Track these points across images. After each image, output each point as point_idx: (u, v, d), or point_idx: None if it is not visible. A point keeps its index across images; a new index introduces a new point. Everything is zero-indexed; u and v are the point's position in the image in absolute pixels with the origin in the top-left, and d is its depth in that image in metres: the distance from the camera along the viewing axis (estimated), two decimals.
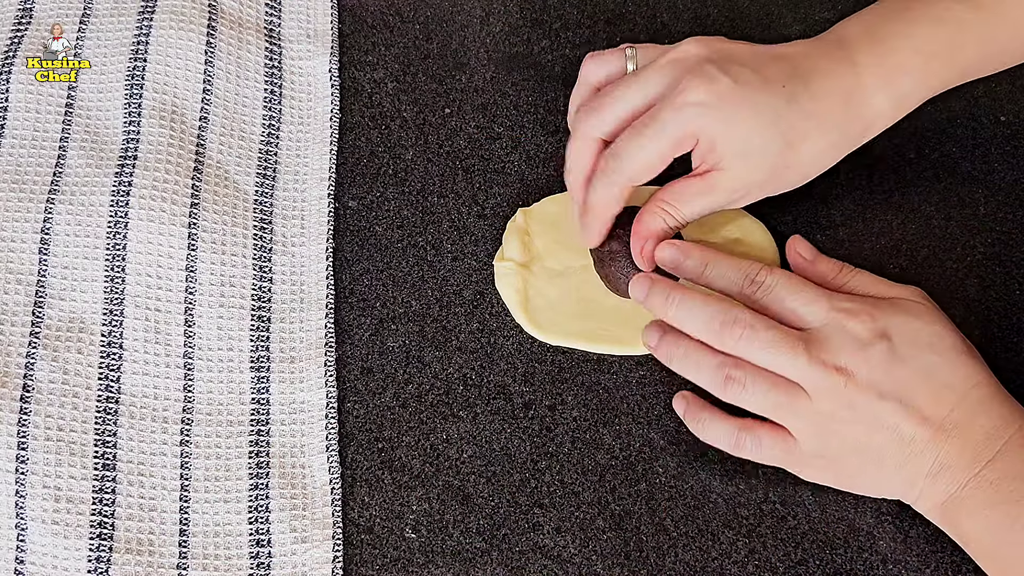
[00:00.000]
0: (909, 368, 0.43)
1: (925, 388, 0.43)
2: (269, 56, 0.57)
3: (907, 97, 0.48)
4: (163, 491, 0.47)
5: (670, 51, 0.47)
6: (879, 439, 0.43)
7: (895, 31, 0.47)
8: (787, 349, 0.44)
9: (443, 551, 0.46)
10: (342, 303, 0.52)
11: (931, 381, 0.43)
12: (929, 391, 0.43)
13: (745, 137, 0.45)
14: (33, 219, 0.52)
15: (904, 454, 0.43)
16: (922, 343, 0.44)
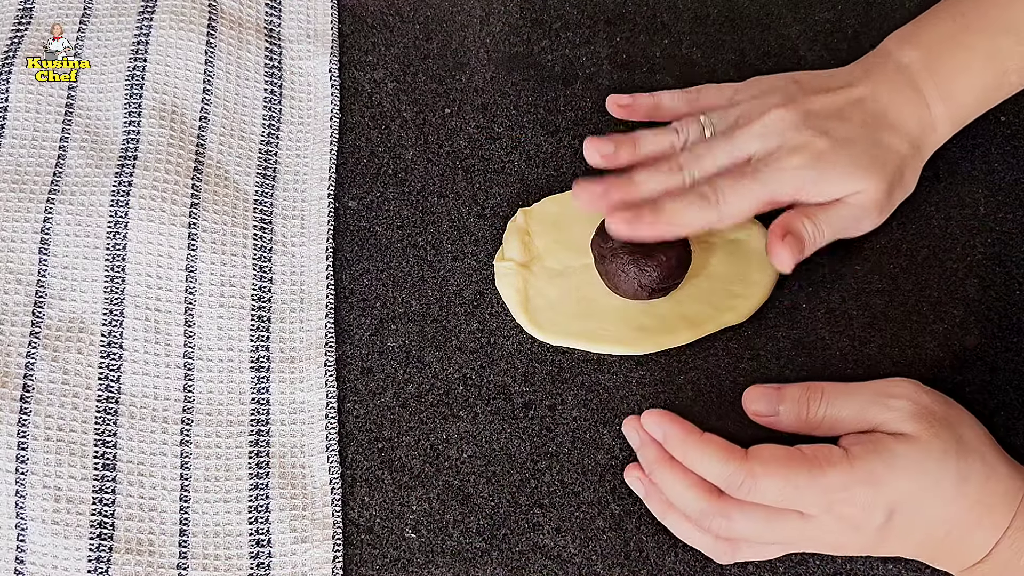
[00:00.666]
0: (921, 532, 0.42)
1: (938, 543, 0.43)
2: (269, 56, 0.57)
3: (961, 123, 0.51)
4: (163, 491, 0.47)
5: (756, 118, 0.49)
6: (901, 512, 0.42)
7: (954, 65, 0.50)
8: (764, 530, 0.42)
9: (443, 551, 0.46)
10: (342, 303, 0.52)
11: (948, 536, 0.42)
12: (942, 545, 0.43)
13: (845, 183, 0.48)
14: (33, 219, 0.52)
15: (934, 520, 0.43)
16: (915, 503, 0.42)
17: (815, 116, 0.48)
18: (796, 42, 0.58)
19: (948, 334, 0.50)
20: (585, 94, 0.56)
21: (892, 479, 0.41)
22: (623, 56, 0.57)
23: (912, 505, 0.42)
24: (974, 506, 0.42)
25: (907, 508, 0.41)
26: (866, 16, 0.59)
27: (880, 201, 0.49)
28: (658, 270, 0.48)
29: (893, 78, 0.50)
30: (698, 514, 0.43)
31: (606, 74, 0.57)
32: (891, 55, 0.51)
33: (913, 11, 0.59)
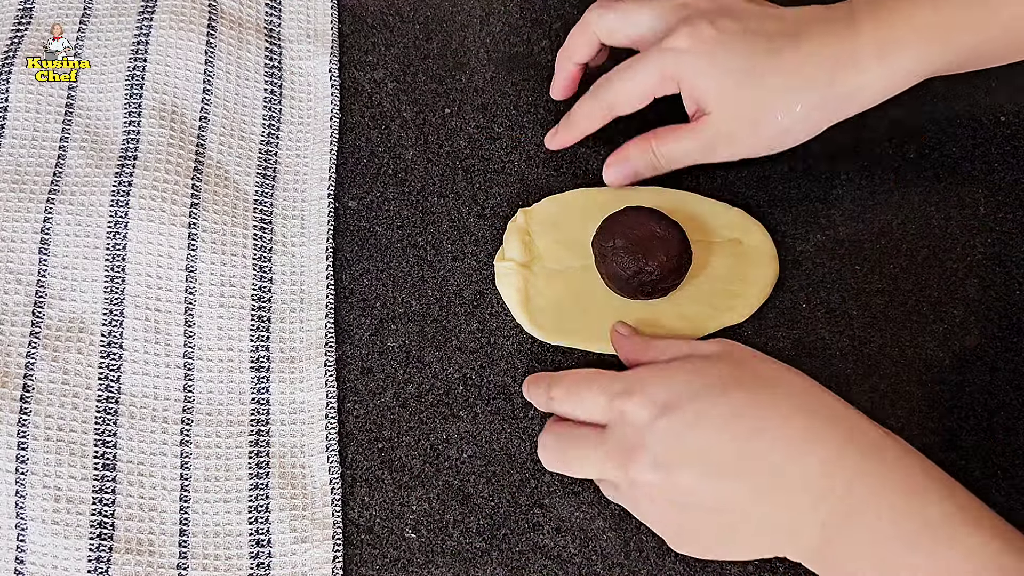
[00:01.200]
0: (699, 432, 0.40)
1: (724, 447, 0.40)
2: (269, 56, 0.57)
3: (899, 73, 0.47)
4: (163, 491, 0.47)
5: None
6: (705, 517, 0.41)
7: (898, 8, 0.47)
8: (573, 449, 0.44)
9: (443, 551, 0.46)
10: (342, 303, 0.52)
11: (729, 437, 0.40)
12: (729, 449, 0.40)
13: (720, 81, 0.47)
14: (33, 219, 0.52)
15: (740, 520, 0.40)
16: (709, 397, 0.41)
17: (724, 11, 0.48)
18: None
19: (948, 334, 0.50)
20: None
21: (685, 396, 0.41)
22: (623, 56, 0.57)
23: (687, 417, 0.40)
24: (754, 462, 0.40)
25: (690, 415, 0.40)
26: None
27: (734, 132, 0.48)
28: (658, 270, 0.48)
29: (831, 16, 0.48)
30: None
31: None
32: (846, 4, 0.49)
33: None
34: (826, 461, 0.39)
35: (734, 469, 0.40)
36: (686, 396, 0.41)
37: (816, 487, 0.39)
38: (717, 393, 0.41)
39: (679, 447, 0.40)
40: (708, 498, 0.40)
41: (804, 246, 0.53)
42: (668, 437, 0.41)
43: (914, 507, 0.38)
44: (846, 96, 0.48)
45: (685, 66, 0.48)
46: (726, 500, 0.40)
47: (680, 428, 0.40)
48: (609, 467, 0.42)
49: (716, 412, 0.41)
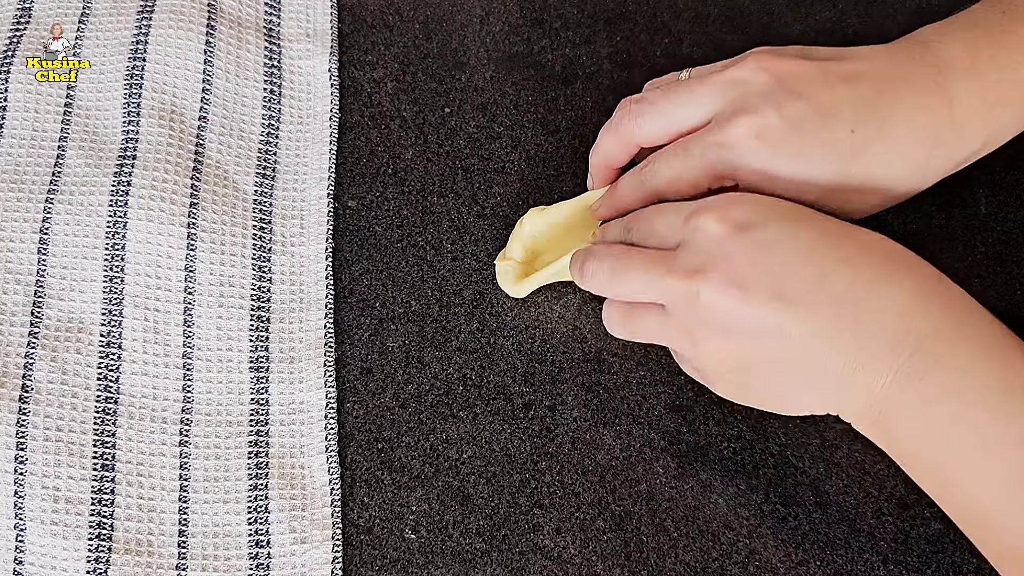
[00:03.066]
0: (779, 253, 0.37)
1: (804, 272, 0.37)
2: (268, 56, 0.57)
3: (1001, 135, 0.41)
4: (162, 491, 0.47)
5: (731, 67, 0.42)
6: (766, 354, 0.38)
7: (998, 58, 0.40)
8: (626, 272, 0.41)
9: (443, 551, 0.46)
10: (342, 303, 0.52)
11: (810, 262, 0.37)
12: (810, 275, 0.37)
13: (792, 191, 0.41)
14: (32, 219, 0.51)
15: (799, 360, 0.38)
16: (791, 222, 0.38)
17: (791, 87, 0.40)
18: (796, 42, 0.57)
19: None
20: (585, 94, 0.56)
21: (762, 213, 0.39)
22: (623, 56, 0.57)
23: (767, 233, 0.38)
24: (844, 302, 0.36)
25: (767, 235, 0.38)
26: (866, 16, 0.59)
27: None
28: None
29: (918, 72, 0.40)
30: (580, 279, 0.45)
31: (606, 74, 0.57)
32: (927, 45, 0.41)
33: (914, 10, 0.59)
34: (908, 307, 0.36)
35: (811, 298, 0.37)
36: (766, 217, 0.38)
37: (896, 330, 0.36)
38: (790, 222, 0.38)
39: (756, 266, 0.37)
40: (779, 326, 0.37)
41: None
42: (746, 254, 0.37)
43: (1000, 367, 0.36)
44: (940, 172, 0.42)
45: (748, 162, 0.41)
46: (797, 332, 0.37)
47: (759, 247, 0.37)
48: (677, 288, 0.39)
49: (798, 236, 0.37)
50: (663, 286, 0.40)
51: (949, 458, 0.37)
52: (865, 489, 0.47)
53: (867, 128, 0.40)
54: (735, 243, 0.38)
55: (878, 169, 0.41)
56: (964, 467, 0.37)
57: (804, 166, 0.40)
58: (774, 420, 0.48)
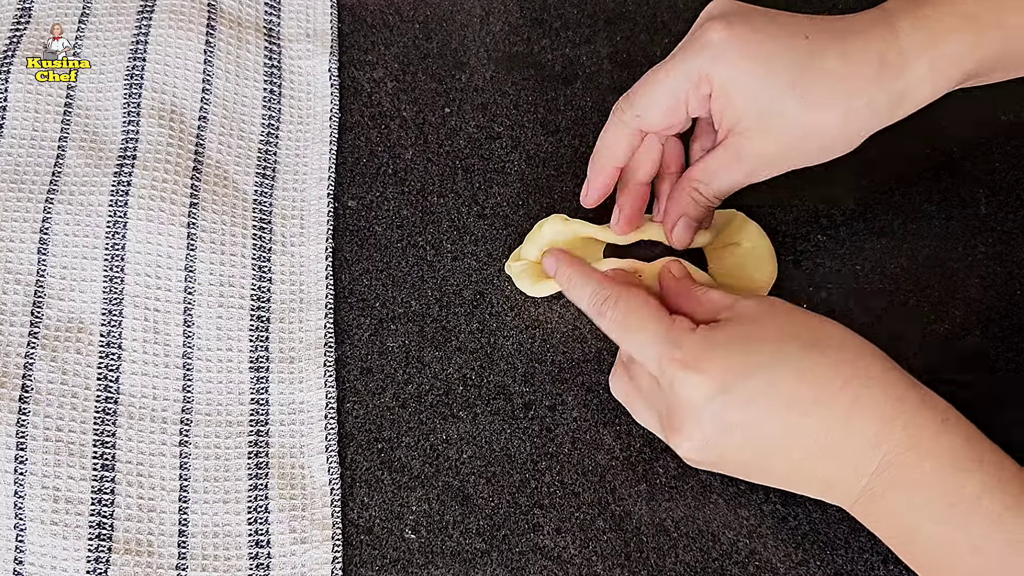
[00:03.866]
0: (753, 409, 0.40)
1: (773, 426, 0.40)
2: (268, 56, 0.57)
3: (950, 65, 0.44)
4: (162, 491, 0.47)
5: (692, 34, 0.46)
6: (751, 472, 0.42)
7: (938, 2, 0.44)
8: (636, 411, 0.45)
9: (443, 551, 0.46)
10: (342, 303, 0.52)
11: (779, 416, 0.40)
12: (777, 425, 0.40)
13: (758, 89, 0.43)
14: (32, 219, 0.51)
15: (781, 481, 0.42)
16: (760, 375, 0.40)
17: (753, 9, 0.45)
18: None
19: (948, 334, 0.50)
20: (585, 94, 0.56)
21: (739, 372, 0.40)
22: (623, 56, 0.57)
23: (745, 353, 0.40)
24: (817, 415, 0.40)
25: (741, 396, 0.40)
26: None
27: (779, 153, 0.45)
28: None
29: (867, 16, 0.45)
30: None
31: (606, 74, 0.57)
32: (880, 6, 0.45)
33: None
34: (871, 439, 0.39)
35: (782, 443, 0.40)
36: (738, 375, 0.40)
37: (859, 460, 0.39)
38: (766, 370, 0.40)
39: (729, 426, 0.40)
40: (754, 464, 0.41)
41: (804, 246, 0.52)
42: (718, 418, 0.40)
43: (950, 482, 0.39)
44: (894, 97, 0.44)
45: (721, 64, 0.43)
46: (772, 466, 0.41)
47: (731, 409, 0.40)
48: (662, 431, 0.43)
49: (768, 393, 0.40)
50: (657, 428, 0.44)
51: (920, 563, 0.41)
52: None
53: (821, 37, 0.43)
54: (709, 409, 0.40)
55: (832, 79, 0.43)
56: (933, 572, 0.41)
57: (766, 66, 0.43)
58: None
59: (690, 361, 0.40)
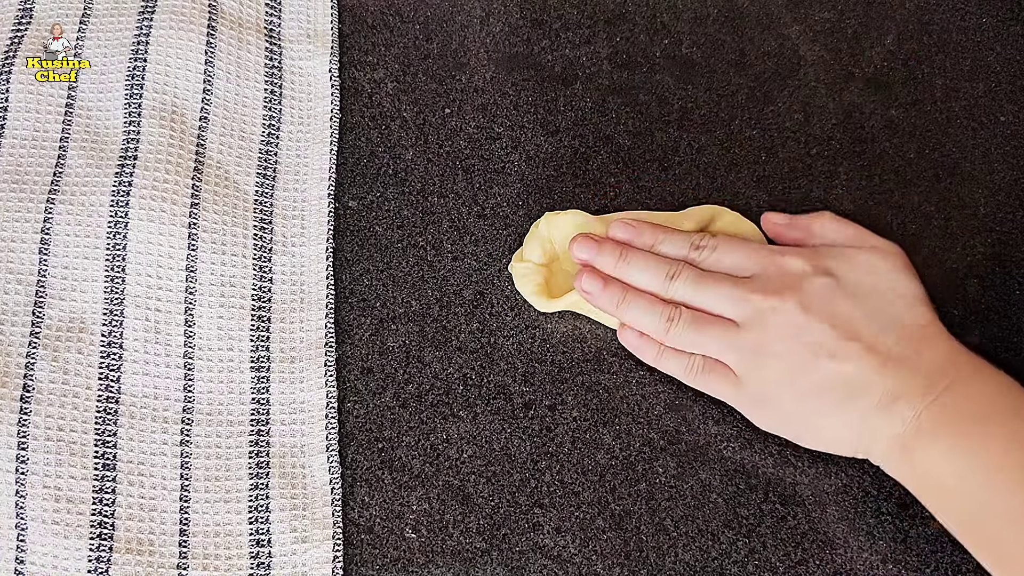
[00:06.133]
0: (851, 302, 0.44)
1: (867, 321, 0.43)
2: (269, 56, 0.57)
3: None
4: (163, 491, 0.47)
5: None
6: (818, 369, 0.43)
7: None
8: (714, 282, 0.46)
9: (443, 551, 0.46)
10: (342, 303, 0.52)
11: (874, 317, 0.44)
12: (872, 324, 0.43)
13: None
14: (33, 219, 0.52)
15: (848, 385, 0.43)
16: (870, 285, 0.44)
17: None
18: (796, 42, 0.58)
19: None
20: (585, 94, 0.56)
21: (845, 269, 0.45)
22: (623, 56, 0.57)
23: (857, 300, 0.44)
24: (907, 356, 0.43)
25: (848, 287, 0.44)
26: (866, 16, 0.59)
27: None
28: None
29: None
30: (660, 285, 0.47)
31: (606, 74, 0.57)
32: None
33: (913, 11, 0.59)
34: (941, 357, 0.43)
35: (871, 340, 0.43)
36: (847, 271, 0.45)
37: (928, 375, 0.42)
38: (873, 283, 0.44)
39: (828, 305, 0.44)
40: (837, 353, 0.43)
41: None
42: (822, 292, 0.44)
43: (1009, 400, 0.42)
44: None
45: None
46: (853, 360, 0.43)
47: (834, 290, 0.44)
48: (757, 303, 0.45)
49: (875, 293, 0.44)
50: (744, 301, 0.45)
51: (972, 482, 0.41)
52: (864, 488, 0.47)
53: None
54: (815, 280, 0.45)
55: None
56: (988, 495, 0.40)
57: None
58: None
59: (799, 251, 0.46)
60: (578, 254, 0.49)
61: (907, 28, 0.58)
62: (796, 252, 0.46)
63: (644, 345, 0.48)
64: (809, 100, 0.56)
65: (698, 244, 0.48)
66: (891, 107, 0.56)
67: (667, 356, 0.48)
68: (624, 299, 0.48)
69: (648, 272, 0.48)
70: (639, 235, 0.49)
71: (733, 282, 0.46)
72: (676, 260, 0.48)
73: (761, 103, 0.56)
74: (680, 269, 0.47)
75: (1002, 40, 0.58)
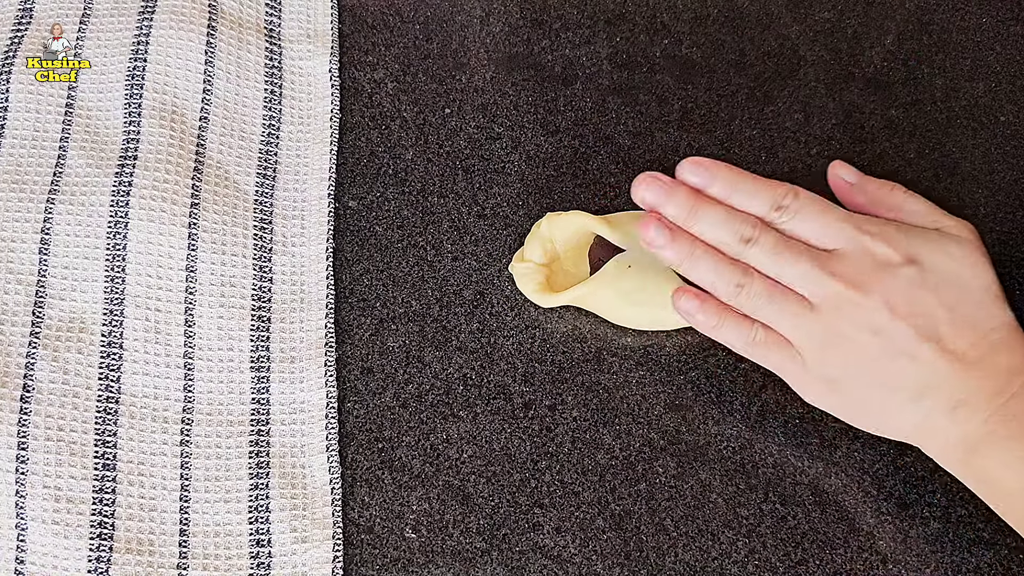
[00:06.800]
0: (934, 297, 0.42)
1: (948, 319, 0.42)
2: (269, 56, 0.57)
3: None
4: (163, 491, 0.47)
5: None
6: (893, 365, 0.42)
7: None
8: (793, 256, 0.43)
9: (443, 551, 0.46)
10: (342, 303, 0.52)
11: (955, 314, 0.42)
12: (952, 323, 0.42)
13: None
14: (33, 219, 0.52)
15: (920, 384, 0.42)
16: (952, 276, 0.43)
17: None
18: (796, 42, 0.58)
19: None
20: (585, 94, 0.56)
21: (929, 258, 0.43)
22: (623, 56, 0.57)
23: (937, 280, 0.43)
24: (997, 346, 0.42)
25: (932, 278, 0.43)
26: (866, 16, 0.59)
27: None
28: None
29: None
30: (734, 246, 0.44)
31: (606, 74, 0.57)
32: None
33: (913, 11, 0.59)
34: (1015, 364, 0.42)
35: (950, 341, 0.42)
36: (931, 260, 0.43)
37: (998, 381, 0.41)
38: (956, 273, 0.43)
39: (911, 302, 0.42)
40: (914, 352, 0.42)
41: None
42: (907, 286, 0.42)
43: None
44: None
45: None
46: (927, 361, 0.42)
47: (918, 284, 0.42)
48: (838, 291, 0.43)
49: (957, 285, 0.43)
50: (824, 284, 0.43)
51: None
52: (864, 488, 0.47)
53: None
54: (900, 272, 0.43)
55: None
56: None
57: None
58: (773, 419, 0.49)
59: (888, 233, 0.44)
60: (644, 195, 0.45)
61: (907, 28, 0.58)
62: (881, 232, 0.43)
63: (705, 311, 0.45)
64: (809, 100, 0.56)
65: (780, 204, 0.44)
66: (891, 107, 0.56)
67: (728, 325, 0.45)
68: (693, 254, 0.44)
69: (722, 230, 0.44)
70: (713, 180, 0.45)
71: (813, 258, 0.43)
72: (751, 217, 0.44)
73: (761, 103, 0.56)
74: (758, 234, 0.44)
75: (1002, 40, 0.58)
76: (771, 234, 0.44)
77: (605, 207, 0.53)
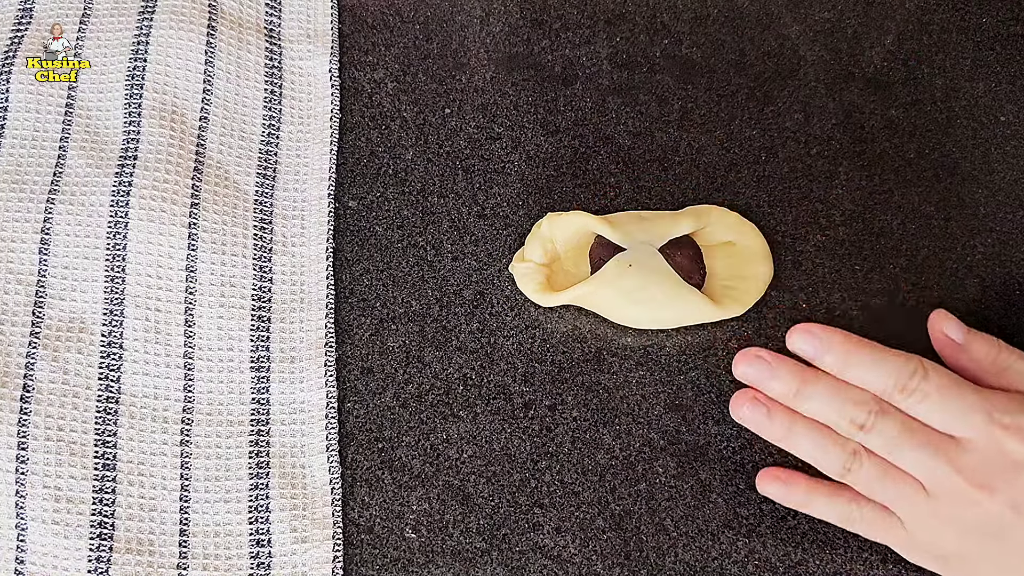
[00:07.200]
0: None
1: None
2: (269, 56, 0.57)
3: None
4: (163, 491, 0.47)
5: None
6: (1013, 558, 0.40)
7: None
8: (914, 445, 0.40)
9: (443, 551, 0.46)
10: (342, 303, 0.52)
11: None
12: None
13: None
14: (33, 219, 0.52)
15: None
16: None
17: None
18: (796, 42, 0.58)
19: None
20: (585, 94, 0.56)
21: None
22: (623, 56, 0.57)
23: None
24: None
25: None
26: (866, 16, 0.59)
27: None
28: None
29: None
30: (844, 428, 0.40)
31: (606, 74, 0.57)
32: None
33: (913, 11, 0.59)
34: None
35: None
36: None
37: None
38: None
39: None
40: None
41: (804, 246, 0.53)
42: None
43: None
44: None
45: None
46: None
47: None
48: (961, 489, 0.39)
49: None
50: (945, 478, 0.40)
51: None
52: None
53: None
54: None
55: None
56: None
57: None
58: None
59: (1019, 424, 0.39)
60: (745, 371, 0.42)
61: (907, 28, 0.58)
62: (1016, 424, 0.39)
63: (791, 489, 0.43)
64: (809, 100, 0.56)
65: (906, 385, 0.40)
66: (891, 107, 0.56)
67: (820, 500, 0.43)
68: (792, 431, 0.41)
69: (832, 411, 0.40)
70: (826, 351, 0.41)
71: (936, 448, 0.40)
72: (867, 395, 0.40)
73: (761, 103, 0.56)
74: (874, 421, 0.40)
75: (1002, 40, 0.58)
76: (890, 421, 0.40)
77: (605, 207, 0.53)
